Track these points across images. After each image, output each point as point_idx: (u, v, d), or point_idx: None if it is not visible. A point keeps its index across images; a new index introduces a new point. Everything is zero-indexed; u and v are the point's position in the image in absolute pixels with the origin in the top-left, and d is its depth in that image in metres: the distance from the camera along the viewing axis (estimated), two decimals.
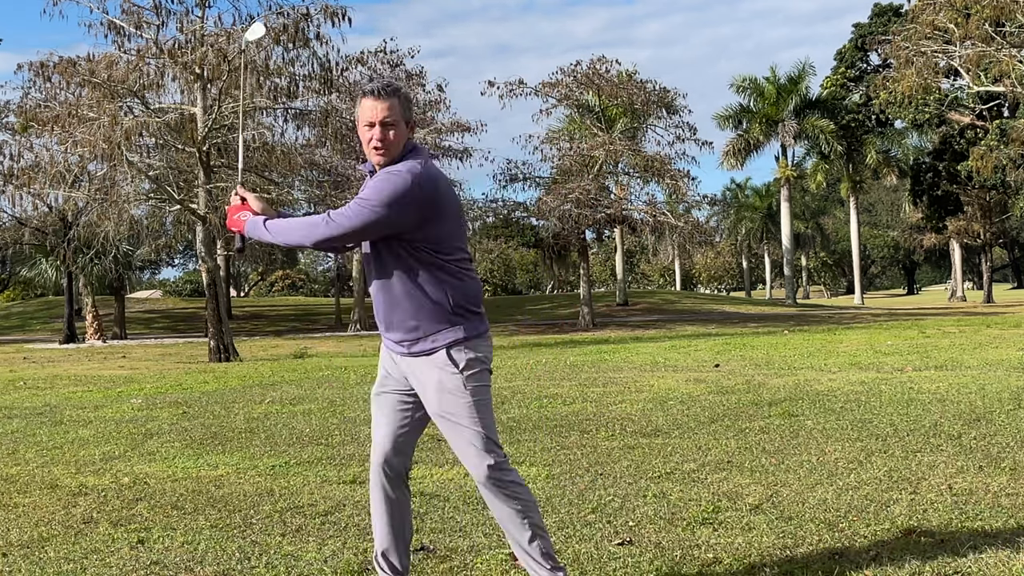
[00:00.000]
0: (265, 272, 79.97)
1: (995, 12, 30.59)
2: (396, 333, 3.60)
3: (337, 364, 17.90)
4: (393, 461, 3.70)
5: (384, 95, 3.51)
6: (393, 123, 3.50)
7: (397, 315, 3.57)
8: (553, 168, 34.69)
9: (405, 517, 3.76)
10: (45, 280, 40.79)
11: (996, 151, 37.45)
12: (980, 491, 5.28)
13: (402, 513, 3.75)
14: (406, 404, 3.71)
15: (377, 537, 3.77)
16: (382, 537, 3.75)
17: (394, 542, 3.74)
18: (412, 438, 3.75)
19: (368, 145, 3.52)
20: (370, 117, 3.50)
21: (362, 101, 3.53)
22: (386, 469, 3.70)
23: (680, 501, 5.28)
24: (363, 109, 3.52)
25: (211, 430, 8.74)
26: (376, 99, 3.50)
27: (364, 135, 3.53)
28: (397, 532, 3.74)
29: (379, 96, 3.50)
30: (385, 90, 3.53)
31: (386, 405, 3.72)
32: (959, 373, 11.63)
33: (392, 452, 3.70)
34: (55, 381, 15.69)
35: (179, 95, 23.96)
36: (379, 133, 3.50)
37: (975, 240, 52.06)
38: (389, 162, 3.52)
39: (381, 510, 3.73)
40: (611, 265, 76.47)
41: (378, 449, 3.71)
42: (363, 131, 3.53)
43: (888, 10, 49.48)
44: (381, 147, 3.50)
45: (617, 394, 10.64)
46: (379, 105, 3.50)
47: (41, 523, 5.32)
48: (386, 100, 3.50)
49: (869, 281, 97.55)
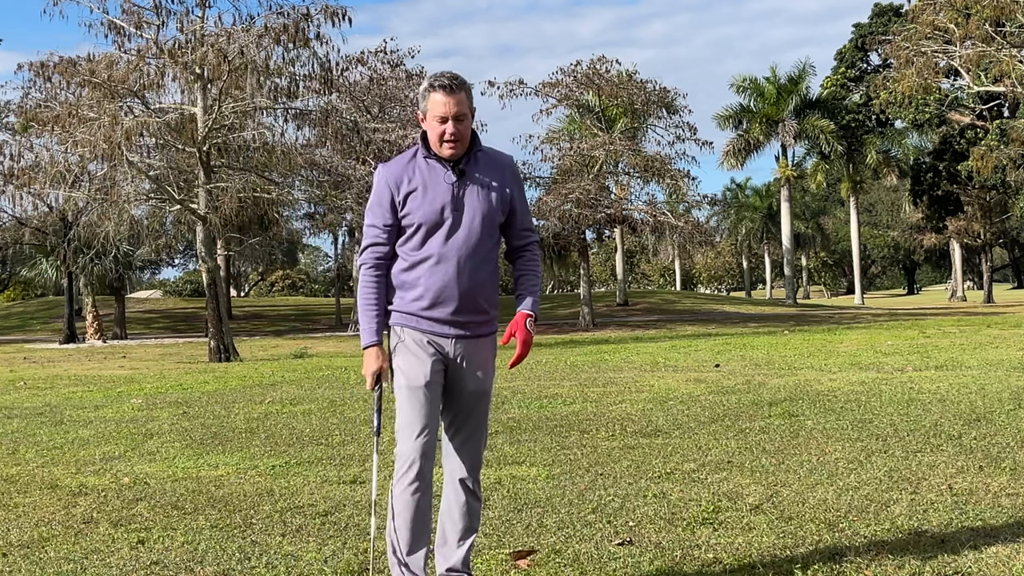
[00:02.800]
0: (265, 272, 79.96)
1: (995, 12, 30.59)
2: (465, 315, 3.63)
3: (337, 364, 17.90)
4: (431, 463, 3.64)
5: (455, 89, 3.55)
6: (464, 116, 3.58)
7: (481, 296, 3.64)
8: (553, 168, 34.67)
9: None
10: (45, 280, 40.84)
11: (996, 151, 37.45)
12: (980, 491, 5.28)
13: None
14: (440, 387, 3.69)
15: (417, 544, 3.63)
16: (422, 541, 3.64)
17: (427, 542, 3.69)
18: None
19: (440, 139, 3.58)
20: (443, 111, 3.55)
21: (431, 96, 3.57)
22: (427, 472, 3.61)
23: (680, 501, 5.28)
24: (434, 104, 3.57)
25: (211, 430, 8.74)
26: (448, 94, 3.54)
27: (435, 129, 3.58)
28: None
29: (451, 91, 3.54)
30: (455, 84, 3.56)
31: (435, 397, 3.65)
32: (959, 373, 11.63)
33: (433, 452, 3.62)
34: (55, 381, 15.68)
35: (179, 95, 23.99)
36: (452, 127, 3.56)
37: (975, 240, 52.04)
38: (459, 153, 3.61)
39: (423, 513, 3.62)
40: (611, 265, 76.47)
41: (427, 449, 3.59)
42: (434, 125, 3.58)
43: (888, 10, 49.49)
44: (454, 140, 3.58)
45: (617, 394, 10.64)
46: (451, 100, 3.54)
47: (41, 523, 5.32)
48: (457, 94, 3.55)
49: (869, 281, 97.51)
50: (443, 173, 3.63)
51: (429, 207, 3.60)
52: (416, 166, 3.66)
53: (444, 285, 3.59)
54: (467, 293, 3.61)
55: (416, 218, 3.60)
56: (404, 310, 3.67)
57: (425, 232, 3.60)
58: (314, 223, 36.05)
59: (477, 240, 3.61)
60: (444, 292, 3.59)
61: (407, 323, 3.66)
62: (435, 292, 3.60)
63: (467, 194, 3.63)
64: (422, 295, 3.61)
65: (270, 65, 22.15)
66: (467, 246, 3.60)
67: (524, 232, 3.80)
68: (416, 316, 3.64)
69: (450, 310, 3.61)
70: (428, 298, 3.60)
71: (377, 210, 3.68)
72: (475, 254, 3.61)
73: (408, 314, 3.65)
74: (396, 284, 3.69)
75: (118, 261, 31.68)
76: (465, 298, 3.61)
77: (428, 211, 3.59)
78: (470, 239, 3.61)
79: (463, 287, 3.60)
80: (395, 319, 3.70)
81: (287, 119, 26.08)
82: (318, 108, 24.80)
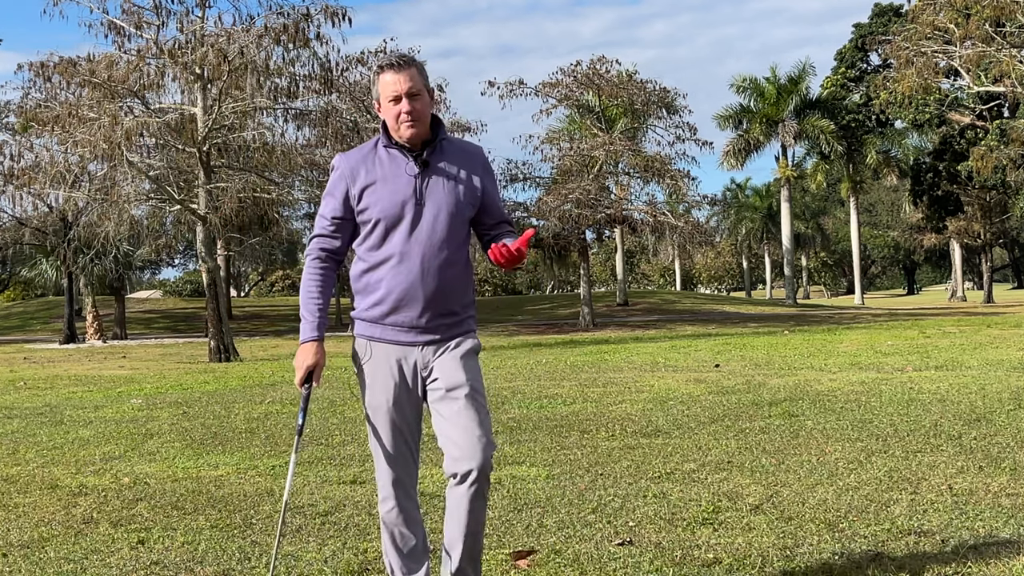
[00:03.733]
0: (265, 272, 79.93)
1: (995, 12, 30.60)
2: (434, 319, 3.39)
3: (337, 364, 17.89)
4: (407, 487, 3.48)
5: (403, 66, 3.38)
6: (418, 92, 3.36)
7: (449, 298, 3.41)
8: (553, 168, 34.68)
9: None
10: (45, 280, 40.82)
11: (996, 151, 37.45)
12: (980, 491, 5.28)
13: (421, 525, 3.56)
14: (418, 412, 3.48)
15: (413, 565, 3.52)
16: (418, 561, 3.53)
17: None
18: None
19: (397, 121, 3.36)
20: (394, 90, 3.35)
21: (381, 77, 3.39)
22: (404, 498, 3.47)
23: (680, 501, 5.28)
24: (384, 85, 3.38)
25: (211, 430, 8.74)
26: (397, 71, 3.36)
27: (391, 111, 3.38)
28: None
29: (399, 68, 3.37)
30: (403, 61, 3.40)
31: (406, 420, 3.45)
32: (959, 373, 11.63)
33: (408, 476, 3.47)
34: (55, 381, 15.68)
35: (179, 95, 24.00)
36: (407, 105, 3.35)
37: (975, 240, 52.05)
38: (421, 134, 3.39)
39: (409, 533, 3.50)
40: (611, 265, 76.46)
41: (399, 477, 3.45)
42: (388, 108, 3.38)
43: (888, 10, 49.51)
44: (411, 118, 3.35)
45: (617, 394, 10.64)
46: (401, 76, 3.35)
47: (41, 523, 5.32)
48: (407, 70, 3.37)
49: (869, 281, 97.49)
50: (405, 164, 3.39)
51: (389, 200, 3.35)
52: (376, 157, 3.42)
53: (408, 287, 3.34)
54: (433, 295, 3.35)
55: (374, 213, 3.36)
56: (365, 318, 3.44)
57: (384, 229, 3.35)
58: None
59: (443, 236, 3.35)
60: (407, 294, 3.34)
61: (371, 334, 3.44)
62: (397, 295, 3.35)
63: (431, 186, 3.37)
64: (382, 299, 3.37)
65: (270, 65, 22.17)
66: (431, 243, 3.34)
67: (499, 225, 3.55)
68: (379, 325, 3.41)
69: (415, 314, 3.36)
70: (389, 302, 3.36)
71: (328, 200, 3.46)
72: (441, 252, 3.35)
73: (370, 322, 3.43)
74: (356, 289, 3.46)
75: (118, 261, 31.67)
76: (431, 301, 3.36)
77: (388, 205, 3.35)
78: (434, 235, 3.35)
79: (428, 289, 3.34)
80: (359, 329, 3.48)
81: (287, 119, 26.10)
82: (318, 108, 24.81)
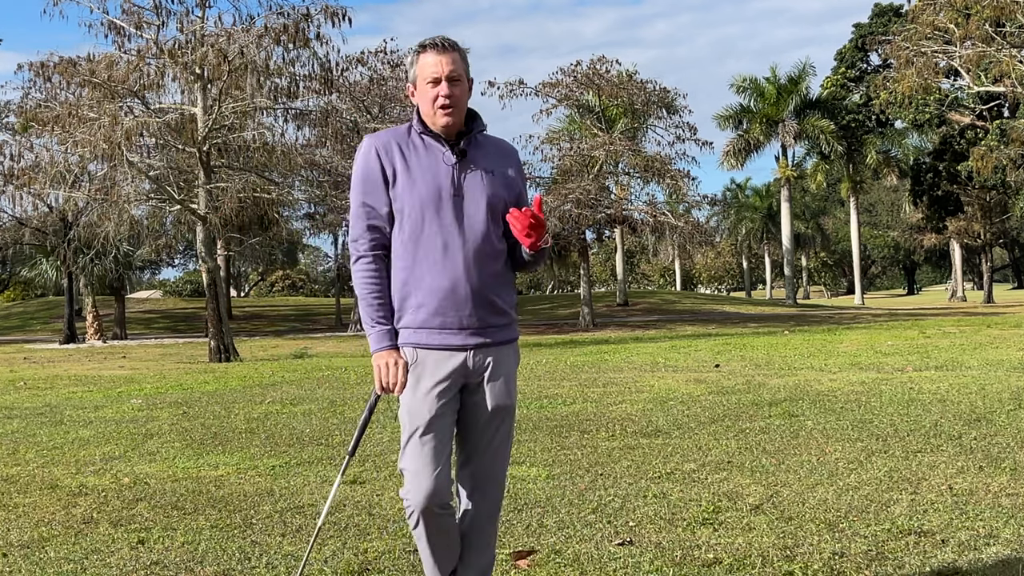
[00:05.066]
0: (265, 272, 79.94)
1: (995, 12, 30.60)
2: (483, 318, 3.14)
3: (337, 364, 17.90)
4: (448, 492, 3.18)
5: (447, 48, 3.12)
6: (459, 78, 3.12)
7: (495, 295, 3.15)
8: (553, 168, 34.68)
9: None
10: (45, 280, 40.83)
11: (996, 151, 37.45)
12: (980, 491, 5.27)
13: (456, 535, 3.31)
14: (455, 415, 3.23)
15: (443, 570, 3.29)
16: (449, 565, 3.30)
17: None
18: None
19: (434, 104, 3.11)
20: (435, 72, 3.09)
21: (422, 57, 3.13)
22: (437, 510, 3.15)
23: (680, 501, 5.27)
24: (424, 65, 3.12)
25: (211, 430, 8.73)
26: (440, 53, 3.11)
27: (427, 93, 3.12)
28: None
29: (443, 50, 3.11)
30: (447, 43, 3.14)
31: (447, 428, 3.18)
32: (959, 373, 11.63)
33: (447, 483, 3.16)
34: (55, 381, 15.68)
35: (179, 95, 23.98)
36: (446, 89, 3.09)
37: (975, 240, 52.06)
38: (458, 123, 3.15)
39: (445, 542, 3.25)
40: (611, 265, 76.46)
41: (433, 488, 3.12)
42: (424, 91, 3.12)
43: (888, 10, 49.51)
44: (449, 104, 3.10)
45: (617, 394, 10.64)
46: (443, 59, 3.10)
47: (41, 523, 5.32)
48: (450, 53, 3.12)
49: (869, 281, 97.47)
50: (442, 153, 3.13)
51: (425, 189, 3.09)
52: (411, 141, 3.16)
53: (452, 284, 3.07)
54: (480, 291, 3.09)
55: (407, 204, 3.10)
56: (410, 324, 3.13)
57: (421, 219, 3.08)
58: (314, 223, 36.07)
59: (483, 230, 3.10)
60: (453, 293, 3.08)
61: (417, 341, 3.13)
62: (442, 294, 3.07)
63: (469, 178, 3.12)
64: (424, 301, 3.09)
65: (270, 65, 22.15)
66: (473, 237, 3.08)
67: None
68: (424, 330, 3.12)
69: (465, 313, 3.09)
70: (433, 303, 3.08)
71: (363, 186, 3.17)
72: (485, 244, 3.10)
73: (413, 329, 3.13)
74: (395, 291, 3.17)
75: (118, 261, 31.67)
76: (478, 297, 3.10)
77: (425, 193, 3.09)
78: (476, 227, 3.09)
79: (474, 285, 3.08)
80: (403, 337, 3.15)
81: (287, 119, 26.11)
82: (318, 108, 24.82)
